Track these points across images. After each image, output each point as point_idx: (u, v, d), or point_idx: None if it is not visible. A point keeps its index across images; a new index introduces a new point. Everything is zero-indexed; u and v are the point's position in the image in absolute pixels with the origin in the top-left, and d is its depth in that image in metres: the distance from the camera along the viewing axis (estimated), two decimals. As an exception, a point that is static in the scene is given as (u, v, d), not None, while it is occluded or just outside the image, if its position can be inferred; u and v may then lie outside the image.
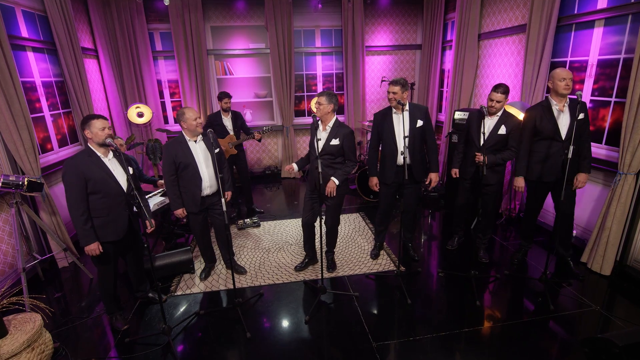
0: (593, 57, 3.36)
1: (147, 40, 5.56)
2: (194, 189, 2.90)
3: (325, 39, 6.25)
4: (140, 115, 5.43)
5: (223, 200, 2.53)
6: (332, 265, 3.43)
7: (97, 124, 2.37)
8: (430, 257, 3.69)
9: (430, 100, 6.26)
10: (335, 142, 2.95)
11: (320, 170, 2.59)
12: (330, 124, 2.97)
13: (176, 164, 2.87)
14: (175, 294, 3.13)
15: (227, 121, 4.54)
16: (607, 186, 3.29)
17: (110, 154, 2.50)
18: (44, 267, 3.51)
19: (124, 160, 2.46)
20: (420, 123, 3.13)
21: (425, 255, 3.70)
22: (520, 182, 3.11)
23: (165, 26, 5.67)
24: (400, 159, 3.18)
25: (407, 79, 6.50)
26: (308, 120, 6.60)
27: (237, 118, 4.59)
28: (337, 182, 2.94)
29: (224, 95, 4.49)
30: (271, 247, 3.89)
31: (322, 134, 3.00)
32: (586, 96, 3.47)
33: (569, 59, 3.63)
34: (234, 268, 3.37)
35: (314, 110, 6.06)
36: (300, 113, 6.56)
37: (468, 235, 3.90)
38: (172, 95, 6.08)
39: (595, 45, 3.33)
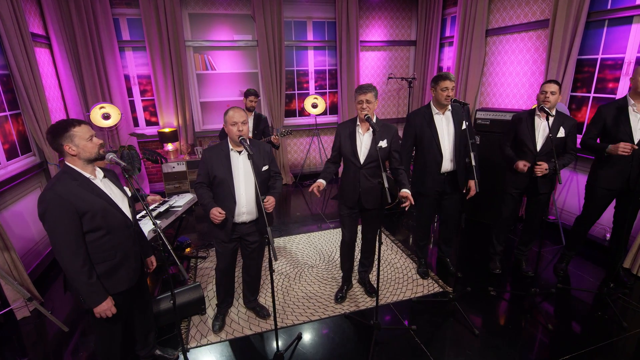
0: (631, 55, 3.23)
1: (111, 27, 4.64)
2: (225, 212, 2.26)
3: (318, 31, 5.73)
4: (106, 117, 4.52)
5: (269, 229, 1.92)
6: (371, 289, 2.97)
7: (80, 132, 1.65)
8: (468, 271, 3.34)
9: (427, 99, 6.01)
10: (383, 144, 2.47)
11: (387, 185, 2.09)
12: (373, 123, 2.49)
13: (210, 175, 2.27)
14: (188, 346, 2.47)
15: (249, 122, 3.94)
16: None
17: (101, 173, 1.80)
18: (-3, 322, 2.64)
19: (119, 178, 1.80)
20: (464, 125, 2.77)
21: (461, 270, 3.36)
22: None
23: (134, 11, 4.79)
24: (445, 166, 2.80)
25: (402, 76, 6.20)
26: (299, 120, 6.04)
27: (260, 121, 4.04)
28: (408, 191, 2.44)
29: (250, 93, 3.97)
30: (290, 273, 3.32)
31: (365, 137, 2.51)
32: (621, 95, 3.34)
33: (600, 56, 3.48)
34: (256, 310, 2.75)
35: (311, 111, 5.54)
36: (290, 113, 5.97)
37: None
38: (142, 92, 5.18)
39: (633, 42, 3.20)
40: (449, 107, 2.77)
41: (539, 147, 2.81)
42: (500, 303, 2.87)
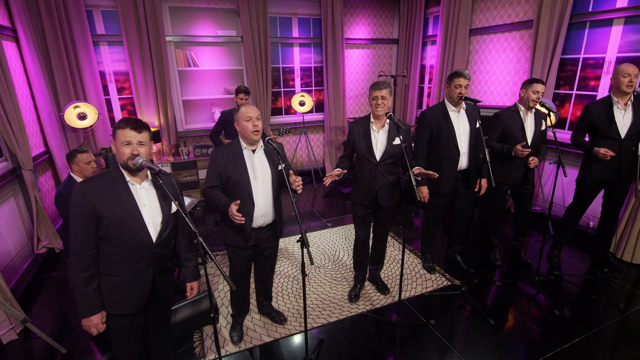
0: (611, 55, 3.47)
1: (84, 19, 4.27)
2: (243, 216, 2.12)
3: (303, 28, 5.64)
4: (82, 117, 4.17)
5: (304, 231, 1.84)
6: (383, 286, 2.98)
7: (119, 134, 1.54)
8: (472, 264, 3.44)
9: (411, 96, 6.13)
10: (398, 141, 2.47)
11: (415, 184, 2.09)
12: (388, 120, 2.49)
13: (223, 177, 2.10)
14: (206, 358, 2.34)
15: None
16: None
17: (148, 181, 1.65)
18: (-20, 349, 2.35)
19: (171, 190, 1.65)
20: (479, 123, 2.84)
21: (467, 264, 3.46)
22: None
23: (109, 3, 4.44)
24: (462, 163, 2.85)
25: (385, 74, 6.27)
26: (286, 119, 5.93)
27: None
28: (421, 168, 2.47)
29: (240, 90, 3.79)
30: (297, 275, 3.25)
31: (380, 134, 2.50)
32: (602, 92, 3.58)
33: (582, 55, 3.71)
34: (271, 316, 2.66)
35: (298, 109, 5.43)
36: (276, 111, 5.84)
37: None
38: (120, 90, 4.83)
39: (613, 42, 3.43)
40: (463, 105, 2.82)
41: (530, 141, 2.95)
42: (507, 292, 2.99)
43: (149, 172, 1.64)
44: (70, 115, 4.10)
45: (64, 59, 4.21)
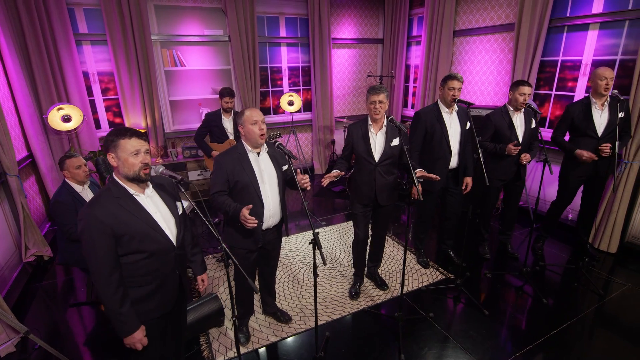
0: (588, 57, 3.69)
1: (65, 18, 4.11)
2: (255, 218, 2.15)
3: (291, 28, 5.64)
4: (67, 119, 4.03)
5: (314, 232, 1.89)
6: (382, 282, 3.08)
7: (125, 144, 1.49)
8: (463, 258, 3.61)
9: (396, 96, 6.26)
10: (396, 142, 2.57)
11: (416, 184, 2.19)
12: (385, 122, 2.59)
13: (230, 182, 2.10)
14: (215, 361, 2.36)
15: (228, 123, 3.73)
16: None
17: (150, 188, 1.64)
18: (-23, 363, 2.27)
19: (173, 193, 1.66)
20: (468, 125, 2.98)
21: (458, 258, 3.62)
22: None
23: (92, 1, 4.28)
24: (452, 162, 2.98)
25: (373, 74, 6.38)
26: (274, 118, 5.93)
27: None
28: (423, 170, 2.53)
29: (225, 93, 3.70)
30: (297, 275, 3.30)
31: (378, 136, 2.59)
32: (579, 93, 3.81)
33: (560, 58, 3.93)
34: (276, 315, 2.71)
35: (287, 109, 5.44)
36: (264, 111, 5.83)
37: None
38: (104, 91, 4.68)
39: (589, 46, 3.66)
40: (456, 106, 2.94)
41: (520, 139, 3.11)
42: (497, 284, 3.16)
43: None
44: (54, 118, 3.96)
45: (45, 59, 4.06)
